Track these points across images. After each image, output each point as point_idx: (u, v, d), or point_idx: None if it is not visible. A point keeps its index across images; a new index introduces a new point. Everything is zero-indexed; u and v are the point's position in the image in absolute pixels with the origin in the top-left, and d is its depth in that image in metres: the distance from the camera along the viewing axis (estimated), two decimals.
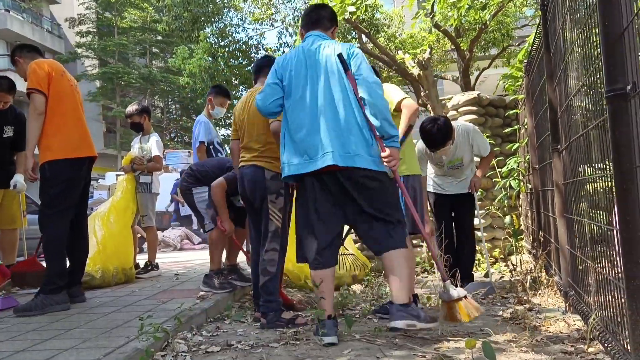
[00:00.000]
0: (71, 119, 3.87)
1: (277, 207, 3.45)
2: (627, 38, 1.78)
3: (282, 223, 3.47)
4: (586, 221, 2.68)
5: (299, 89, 3.02)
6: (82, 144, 3.92)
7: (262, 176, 3.46)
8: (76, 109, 3.94)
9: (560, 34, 3.13)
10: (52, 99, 3.77)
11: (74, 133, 3.87)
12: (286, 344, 2.90)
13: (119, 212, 5.06)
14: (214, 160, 4.46)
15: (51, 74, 3.79)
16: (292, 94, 3.05)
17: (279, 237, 3.46)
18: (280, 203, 3.45)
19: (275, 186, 3.44)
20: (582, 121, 2.64)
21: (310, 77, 3.00)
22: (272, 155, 3.47)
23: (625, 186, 1.76)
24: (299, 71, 3.04)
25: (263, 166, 3.47)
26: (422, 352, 2.62)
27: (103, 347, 2.69)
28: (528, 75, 5.06)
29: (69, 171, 3.82)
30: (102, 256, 4.75)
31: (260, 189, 3.47)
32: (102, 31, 32.05)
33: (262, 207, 3.50)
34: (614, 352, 2.10)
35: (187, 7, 14.92)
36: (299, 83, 3.03)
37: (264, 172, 3.46)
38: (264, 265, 3.44)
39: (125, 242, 5.02)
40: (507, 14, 13.51)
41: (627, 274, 1.78)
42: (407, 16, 15.63)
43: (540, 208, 4.70)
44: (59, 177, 3.79)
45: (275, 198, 3.44)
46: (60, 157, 3.78)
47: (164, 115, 35.14)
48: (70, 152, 3.82)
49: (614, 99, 1.78)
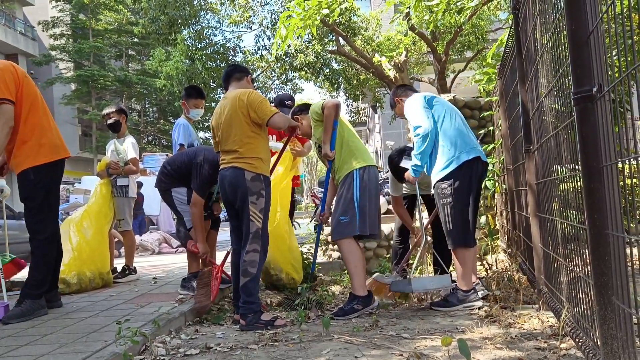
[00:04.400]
0: (46, 121, 3.82)
1: (257, 208, 3.47)
2: (594, 42, 1.84)
3: (262, 224, 3.49)
4: (558, 220, 2.75)
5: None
6: (61, 145, 3.89)
7: (243, 177, 3.48)
8: (46, 110, 3.89)
9: (531, 38, 3.20)
10: (25, 104, 3.69)
11: (51, 135, 3.82)
12: (265, 346, 2.91)
13: (93, 217, 4.99)
14: (183, 155, 4.38)
15: (20, 78, 3.68)
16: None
17: (260, 238, 3.48)
18: (261, 204, 3.48)
19: (256, 187, 3.47)
20: (552, 122, 2.70)
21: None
22: (252, 156, 3.49)
23: (592, 185, 1.81)
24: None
25: (243, 167, 3.49)
26: (400, 351, 2.65)
27: (80, 352, 2.67)
28: (501, 78, 5.15)
29: (52, 174, 3.80)
30: (78, 262, 4.69)
31: (241, 190, 3.48)
32: (77, 33, 31.63)
33: (243, 208, 3.51)
34: (585, 347, 2.15)
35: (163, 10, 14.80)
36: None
37: (244, 173, 3.48)
38: (244, 266, 3.45)
39: (101, 246, 4.96)
40: (482, 17, 13.70)
41: (595, 270, 1.83)
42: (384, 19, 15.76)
43: (515, 208, 4.78)
44: (43, 181, 3.75)
45: (256, 199, 3.47)
46: (44, 162, 3.74)
47: (141, 118, 34.79)
48: (52, 155, 3.79)
49: (580, 100, 1.84)
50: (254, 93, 3.59)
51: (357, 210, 3.67)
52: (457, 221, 3.70)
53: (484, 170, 3.88)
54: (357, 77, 16.22)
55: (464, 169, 3.70)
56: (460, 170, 3.69)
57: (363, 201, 3.70)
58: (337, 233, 3.74)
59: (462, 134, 3.79)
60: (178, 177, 4.23)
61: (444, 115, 3.85)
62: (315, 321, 3.54)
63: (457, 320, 3.36)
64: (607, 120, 1.79)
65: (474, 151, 3.76)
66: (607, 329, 1.78)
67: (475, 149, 3.77)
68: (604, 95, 1.78)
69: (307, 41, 14.86)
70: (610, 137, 1.78)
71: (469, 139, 3.81)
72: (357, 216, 3.68)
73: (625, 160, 1.73)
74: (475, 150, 3.78)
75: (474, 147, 3.79)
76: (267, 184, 3.56)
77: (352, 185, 3.71)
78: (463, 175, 3.69)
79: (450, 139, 3.76)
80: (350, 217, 3.67)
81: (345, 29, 13.79)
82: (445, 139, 3.78)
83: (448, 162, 3.72)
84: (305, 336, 3.06)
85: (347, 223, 3.68)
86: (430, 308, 3.76)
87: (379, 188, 3.91)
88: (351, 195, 3.70)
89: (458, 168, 3.69)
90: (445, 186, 3.73)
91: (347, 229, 3.68)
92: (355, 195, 3.69)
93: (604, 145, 1.78)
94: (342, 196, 3.74)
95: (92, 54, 31.04)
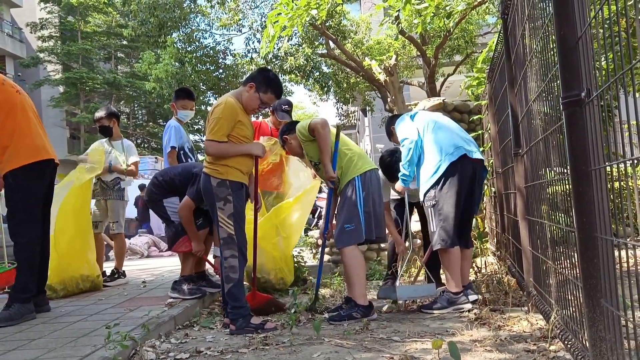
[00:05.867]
0: (26, 125, 3.79)
1: (225, 213, 3.43)
2: (582, 47, 1.86)
3: (234, 228, 3.44)
4: (546, 223, 2.77)
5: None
6: (42, 147, 3.86)
7: (209, 183, 3.47)
8: (27, 113, 3.85)
9: (520, 42, 3.23)
10: (1, 113, 3.70)
11: (31, 138, 3.80)
12: (256, 349, 2.90)
13: (70, 217, 4.64)
14: (178, 168, 4.37)
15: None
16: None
17: (235, 242, 3.44)
18: (229, 209, 3.43)
19: (222, 193, 3.44)
20: (541, 126, 2.72)
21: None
22: (218, 162, 3.47)
23: (581, 188, 1.83)
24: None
25: (209, 174, 3.48)
26: (390, 354, 2.66)
27: (69, 356, 2.65)
28: (490, 82, 5.19)
29: (32, 176, 3.78)
30: (61, 267, 4.55)
31: (209, 196, 3.49)
32: (65, 35, 31.38)
33: (212, 215, 3.52)
34: (574, 349, 2.17)
35: (153, 13, 14.72)
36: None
37: (210, 179, 3.47)
38: (226, 273, 3.44)
39: (85, 248, 4.75)
40: (471, 21, 13.78)
41: (583, 273, 1.84)
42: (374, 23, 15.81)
43: (504, 211, 4.81)
44: (20, 184, 3.75)
45: (224, 205, 3.43)
46: (21, 165, 3.72)
47: (130, 121, 34.59)
48: (30, 157, 3.76)
49: (569, 104, 1.86)
50: (218, 107, 3.48)
51: (362, 217, 3.63)
52: (439, 222, 3.72)
53: (476, 168, 3.84)
54: (347, 81, 16.23)
55: (450, 171, 3.71)
56: (446, 173, 3.71)
57: (367, 207, 3.65)
58: (341, 242, 3.66)
59: (445, 138, 3.81)
60: (169, 189, 4.23)
61: (425, 127, 3.91)
62: (306, 324, 3.53)
63: (447, 322, 3.37)
64: (595, 124, 1.81)
65: (459, 150, 3.76)
66: (595, 331, 1.80)
67: (460, 148, 3.77)
68: (592, 99, 1.80)
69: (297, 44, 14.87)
70: (598, 141, 1.80)
71: (454, 141, 3.81)
72: (362, 223, 3.63)
73: (614, 164, 1.75)
74: (461, 149, 3.77)
75: (459, 146, 3.78)
76: (236, 189, 3.47)
77: (355, 192, 3.66)
78: (450, 178, 3.71)
79: (434, 147, 3.80)
80: (356, 224, 3.61)
81: (335, 32, 13.81)
82: (428, 148, 3.83)
83: (434, 170, 3.75)
84: (296, 340, 3.06)
85: (352, 230, 3.62)
86: (420, 311, 3.77)
87: (382, 189, 3.91)
88: (354, 201, 3.64)
89: (444, 173, 3.71)
90: (431, 190, 3.77)
91: (353, 237, 3.62)
92: (359, 202, 3.63)
93: (593, 149, 1.80)
94: (346, 203, 3.68)
95: (81, 56, 30.80)
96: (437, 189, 3.74)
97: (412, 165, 3.87)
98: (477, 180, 3.88)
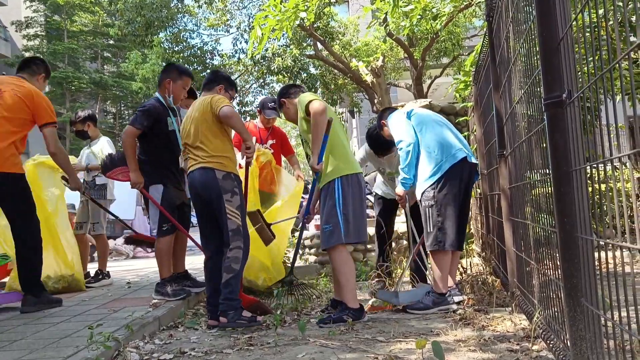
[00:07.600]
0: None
1: (233, 205, 3.51)
2: (564, 49, 1.88)
3: (242, 222, 3.51)
4: (530, 224, 2.79)
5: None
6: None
7: (214, 177, 3.51)
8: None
9: (505, 45, 3.26)
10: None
11: None
12: (240, 350, 2.89)
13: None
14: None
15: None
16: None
17: (241, 235, 3.51)
18: (236, 201, 3.52)
19: (229, 185, 3.51)
20: (524, 128, 2.75)
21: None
22: (222, 155, 3.54)
23: (562, 189, 1.85)
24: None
25: (213, 167, 3.52)
26: (375, 354, 2.67)
27: (51, 357, 2.62)
28: (476, 84, 5.23)
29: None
30: None
31: (214, 189, 3.50)
32: (51, 34, 31.09)
33: (219, 209, 3.52)
34: (555, 349, 2.19)
35: (140, 12, 14.66)
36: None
37: (215, 172, 3.51)
38: (228, 263, 3.47)
39: (54, 244, 4.63)
40: (457, 24, 13.88)
41: (564, 272, 1.86)
42: (362, 25, 15.86)
43: (489, 212, 4.84)
44: (29, 187, 4.08)
45: (231, 197, 3.51)
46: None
47: (117, 121, 34.33)
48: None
49: (551, 106, 1.88)
50: (218, 96, 3.66)
51: (340, 219, 3.59)
52: (437, 223, 3.72)
53: (472, 171, 3.86)
54: (335, 82, 16.26)
55: (451, 174, 3.72)
56: (446, 175, 3.72)
57: (346, 209, 3.60)
58: (323, 242, 3.67)
59: (444, 140, 3.81)
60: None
61: (423, 126, 3.89)
62: (291, 325, 3.53)
63: (431, 323, 3.39)
64: (576, 125, 1.83)
65: (461, 152, 3.77)
66: (576, 330, 1.82)
67: (461, 150, 3.78)
68: (573, 100, 1.82)
69: (285, 45, 14.87)
70: (579, 142, 1.82)
71: (452, 143, 3.82)
72: (340, 224, 3.59)
73: (594, 165, 1.77)
74: (461, 151, 3.79)
75: (459, 149, 3.79)
76: (239, 182, 3.61)
77: (334, 194, 3.61)
78: (449, 180, 3.72)
79: (436, 145, 3.79)
80: (333, 225, 3.58)
81: (323, 33, 13.85)
82: (427, 149, 3.82)
83: (433, 171, 3.75)
84: (281, 340, 3.06)
85: (331, 232, 3.59)
86: (405, 311, 3.78)
87: (364, 194, 3.89)
88: (333, 203, 3.60)
89: (445, 173, 3.72)
90: (429, 190, 3.77)
91: (332, 237, 3.59)
92: (338, 204, 3.60)
93: (574, 150, 1.82)
94: (326, 205, 3.66)
95: (67, 56, 30.53)
96: (436, 190, 3.73)
97: (411, 169, 3.85)
98: (470, 184, 3.91)
